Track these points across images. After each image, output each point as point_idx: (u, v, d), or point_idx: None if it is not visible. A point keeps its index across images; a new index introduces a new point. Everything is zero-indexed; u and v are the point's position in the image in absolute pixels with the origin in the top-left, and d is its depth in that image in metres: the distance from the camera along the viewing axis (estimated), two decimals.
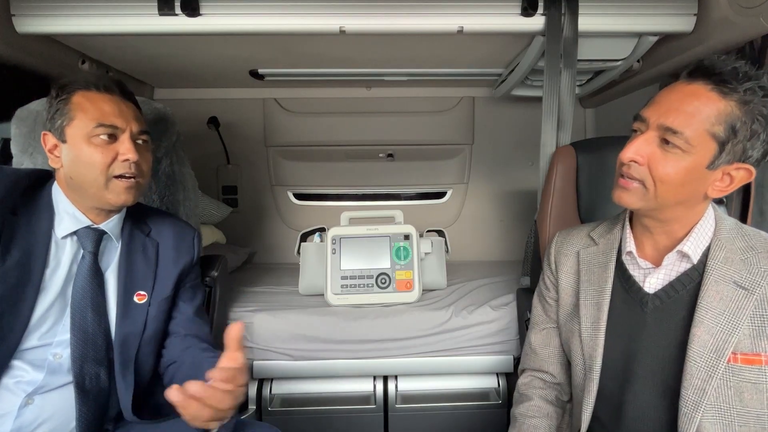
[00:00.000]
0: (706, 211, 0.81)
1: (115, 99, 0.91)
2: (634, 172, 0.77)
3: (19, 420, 0.82)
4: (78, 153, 0.88)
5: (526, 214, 2.20)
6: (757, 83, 0.69)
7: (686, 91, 0.73)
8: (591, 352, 0.86)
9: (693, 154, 0.72)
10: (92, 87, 0.90)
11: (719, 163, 0.73)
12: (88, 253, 0.92)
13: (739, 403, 0.74)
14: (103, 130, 0.88)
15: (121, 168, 0.89)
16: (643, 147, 0.75)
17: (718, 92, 0.71)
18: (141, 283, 0.98)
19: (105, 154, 0.88)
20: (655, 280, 0.82)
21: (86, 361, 0.88)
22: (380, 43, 1.50)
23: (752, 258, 0.76)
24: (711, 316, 0.76)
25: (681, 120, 0.72)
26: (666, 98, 0.75)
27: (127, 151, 0.89)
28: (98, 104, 0.89)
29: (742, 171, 0.74)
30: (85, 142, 0.88)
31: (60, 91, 0.90)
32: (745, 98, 0.70)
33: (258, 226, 2.30)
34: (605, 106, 2.15)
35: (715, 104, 0.71)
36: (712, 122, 0.70)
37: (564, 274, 0.95)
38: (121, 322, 0.94)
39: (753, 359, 0.73)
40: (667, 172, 0.74)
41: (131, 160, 0.89)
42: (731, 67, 0.71)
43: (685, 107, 0.72)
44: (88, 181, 0.88)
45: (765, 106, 0.70)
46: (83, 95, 0.89)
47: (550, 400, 0.97)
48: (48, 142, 0.90)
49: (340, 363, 1.45)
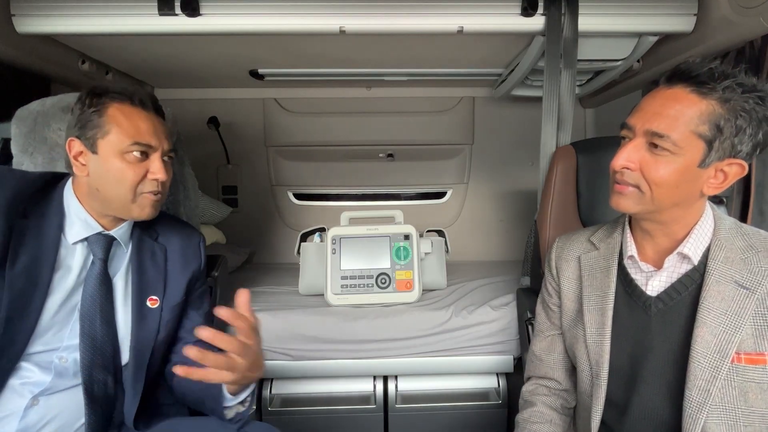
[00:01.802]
0: (705, 211, 0.81)
1: (151, 116, 0.91)
2: (627, 178, 0.78)
3: (25, 420, 0.82)
4: (108, 167, 0.87)
5: (526, 214, 2.20)
6: (734, 80, 0.71)
7: (667, 96, 0.75)
8: (597, 358, 0.85)
9: (683, 155, 0.73)
10: (128, 100, 0.88)
11: (710, 161, 0.73)
12: (98, 260, 0.91)
13: (743, 403, 0.74)
14: (137, 148, 0.87)
15: (150, 186, 0.90)
16: (633, 153, 0.76)
17: (697, 93, 0.72)
18: (152, 288, 0.98)
19: (136, 172, 0.88)
20: (657, 282, 0.82)
21: (95, 368, 0.88)
22: (380, 43, 1.50)
23: (752, 257, 0.77)
24: (713, 316, 0.76)
25: (666, 124, 0.73)
26: (649, 104, 0.76)
27: (158, 171, 0.89)
28: (134, 121, 0.88)
29: (735, 166, 0.75)
30: (118, 158, 0.87)
31: (93, 99, 0.88)
32: (724, 96, 0.71)
33: (258, 226, 2.30)
34: (605, 106, 2.15)
35: (696, 105, 0.72)
36: (696, 123, 0.72)
37: (566, 279, 0.95)
38: (137, 326, 0.94)
39: (756, 359, 0.73)
40: (661, 175, 0.74)
41: (160, 180, 0.90)
42: (707, 68, 0.72)
43: (668, 111, 0.73)
44: (116, 195, 0.88)
45: (746, 101, 0.71)
46: (119, 108, 0.88)
47: (554, 407, 0.97)
48: (73, 149, 0.88)
49: (340, 363, 1.45)
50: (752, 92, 0.71)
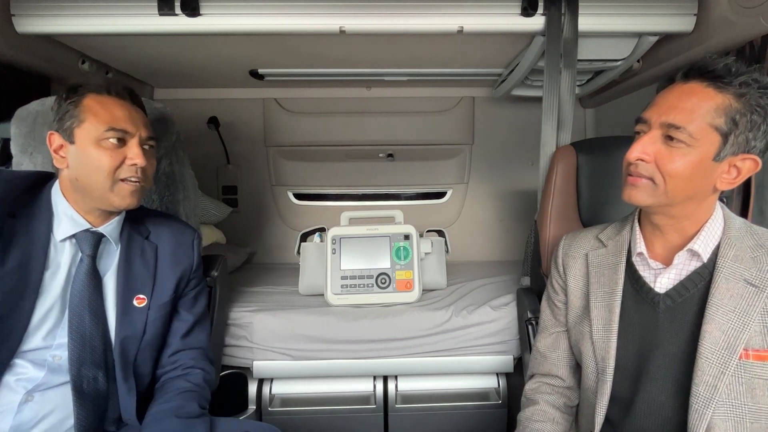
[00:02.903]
0: (715, 209, 0.82)
1: (126, 105, 0.92)
2: (642, 170, 0.78)
3: (19, 416, 0.83)
4: (86, 155, 0.88)
5: (526, 214, 2.20)
6: (749, 76, 0.73)
7: (684, 90, 0.76)
8: (603, 354, 0.86)
9: (698, 148, 0.74)
10: (103, 91, 0.90)
11: (725, 155, 0.74)
12: (87, 257, 0.92)
13: (750, 400, 0.74)
14: (113, 134, 0.88)
15: (128, 172, 0.90)
16: (649, 145, 0.77)
17: (714, 88, 0.74)
18: (140, 286, 0.98)
19: (113, 158, 0.89)
20: (666, 279, 0.82)
21: (84, 364, 0.88)
22: (380, 43, 1.50)
23: (762, 256, 0.78)
24: (722, 313, 0.76)
25: (682, 116, 0.74)
26: (665, 98, 0.77)
27: (136, 156, 0.90)
28: (109, 108, 0.89)
29: (749, 161, 0.75)
30: (94, 145, 0.88)
31: (70, 92, 0.90)
32: (740, 91, 0.72)
33: (258, 226, 2.30)
34: (605, 106, 2.15)
35: (713, 99, 0.73)
36: (713, 116, 0.73)
37: (572, 276, 0.95)
38: (120, 325, 0.94)
39: (764, 356, 0.74)
40: (675, 167, 0.75)
41: (139, 165, 0.90)
42: (723, 64, 0.74)
43: (684, 104, 0.74)
44: (94, 183, 0.89)
45: (762, 97, 0.72)
46: (94, 98, 0.89)
47: (557, 405, 0.97)
48: (54, 142, 0.90)
49: (340, 363, 1.45)
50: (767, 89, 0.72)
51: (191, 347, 1.05)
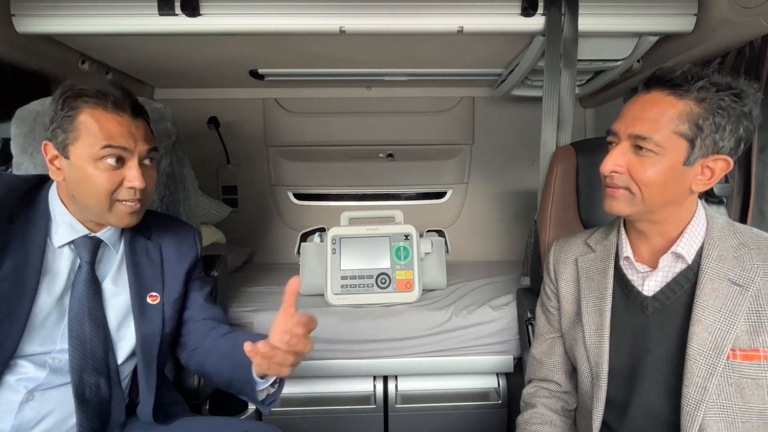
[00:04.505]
0: (697, 210, 0.82)
1: (126, 119, 0.85)
2: (617, 181, 0.80)
3: (20, 416, 0.83)
4: (82, 174, 0.83)
5: (526, 214, 2.20)
6: (707, 81, 0.74)
7: (646, 100, 0.78)
8: (597, 359, 0.86)
9: (666, 155, 0.76)
10: (101, 106, 0.83)
11: (695, 159, 0.76)
12: (85, 264, 0.90)
13: (740, 400, 0.74)
14: (110, 152, 0.82)
15: (126, 194, 0.86)
16: (620, 157, 0.79)
17: (674, 96, 0.75)
18: (151, 285, 0.98)
19: (111, 180, 0.84)
20: (653, 282, 0.83)
21: (85, 371, 0.88)
22: (380, 43, 1.50)
23: (745, 255, 0.78)
24: (708, 314, 0.77)
25: (647, 126, 0.76)
26: (630, 110, 0.80)
27: (134, 179, 0.84)
28: (106, 125, 0.83)
29: (720, 161, 0.77)
30: (90, 165, 0.82)
31: (65, 103, 0.83)
32: (700, 96, 0.74)
33: (258, 226, 2.30)
34: (605, 106, 2.15)
35: (674, 107, 0.75)
36: (677, 123, 0.74)
37: (564, 282, 0.96)
38: (140, 323, 0.94)
39: (752, 355, 0.75)
40: (648, 175, 0.77)
41: (137, 187, 0.85)
42: (680, 72, 0.76)
43: (648, 114, 0.77)
44: (90, 202, 0.85)
45: (722, 99, 0.73)
46: (90, 114, 0.82)
47: (554, 409, 0.97)
48: (49, 152, 0.85)
49: (340, 363, 1.45)
50: (727, 90, 0.73)
51: (213, 319, 1.05)
